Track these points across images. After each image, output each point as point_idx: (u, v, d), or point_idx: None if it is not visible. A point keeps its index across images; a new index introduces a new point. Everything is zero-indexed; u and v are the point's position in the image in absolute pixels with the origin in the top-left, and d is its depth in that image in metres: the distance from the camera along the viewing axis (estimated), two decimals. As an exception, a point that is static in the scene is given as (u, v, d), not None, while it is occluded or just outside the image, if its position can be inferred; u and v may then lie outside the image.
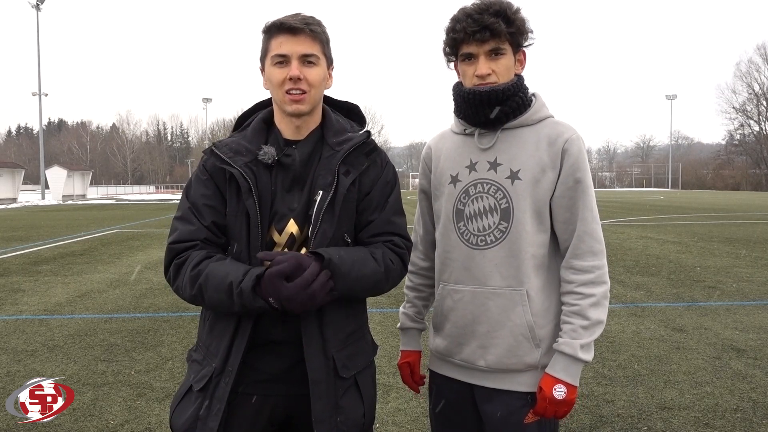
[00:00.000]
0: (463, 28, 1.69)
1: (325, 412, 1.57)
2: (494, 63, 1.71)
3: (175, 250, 1.63)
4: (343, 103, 1.82)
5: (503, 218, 1.72)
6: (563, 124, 1.77)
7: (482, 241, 1.75)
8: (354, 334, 1.69)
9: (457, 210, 1.80)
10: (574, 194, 1.71)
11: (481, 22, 1.67)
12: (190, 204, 1.65)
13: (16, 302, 7.11)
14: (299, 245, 1.62)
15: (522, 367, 1.73)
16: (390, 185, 1.72)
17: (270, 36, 1.62)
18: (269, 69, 1.62)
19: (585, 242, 1.70)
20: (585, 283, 1.69)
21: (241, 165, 1.60)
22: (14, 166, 46.67)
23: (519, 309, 1.71)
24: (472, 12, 1.69)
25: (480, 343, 1.75)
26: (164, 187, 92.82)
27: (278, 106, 1.66)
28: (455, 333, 1.81)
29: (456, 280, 1.80)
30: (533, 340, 1.72)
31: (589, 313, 1.68)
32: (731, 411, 3.74)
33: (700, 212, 23.26)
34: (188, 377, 1.67)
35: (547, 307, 1.74)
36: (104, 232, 16.32)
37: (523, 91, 1.77)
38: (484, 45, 1.69)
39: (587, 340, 1.67)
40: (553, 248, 1.77)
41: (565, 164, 1.71)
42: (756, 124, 74.90)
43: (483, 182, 1.77)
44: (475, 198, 1.77)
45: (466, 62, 1.74)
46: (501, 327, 1.73)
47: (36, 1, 44.86)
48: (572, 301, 1.70)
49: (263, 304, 1.48)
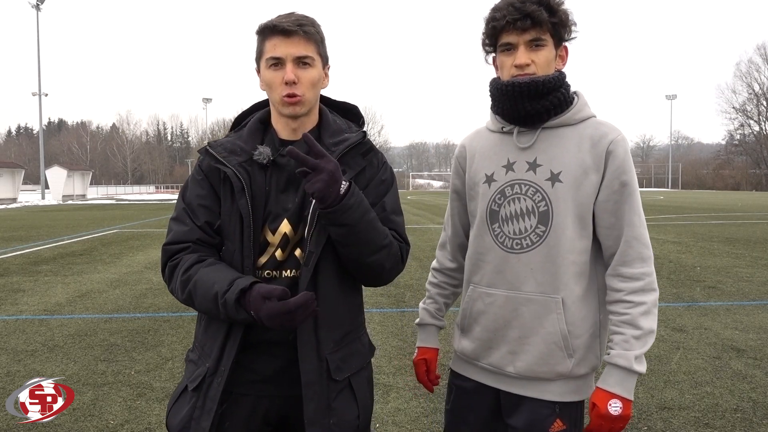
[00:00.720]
0: (504, 16, 1.62)
1: (317, 413, 1.57)
2: (534, 54, 1.64)
3: (169, 251, 1.64)
4: (341, 104, 1.81)
5: (541, 222, 1.65)
6: (607, 125, 1.69)
7: (518, 244, 1.68)
8: (349, 335, 1.69)
9: (491, 211, 1.73)
10: (620, 198, 1.63)
11: (522, 10, 1.60)
12: (185, 204, 1.66)
13: (16, 302, 7.11)
14: (293, 246, 1.62)
15: (552, 376, 1.67)
16: (386, 184, 1.71)
17: (264, 38, 1.61)
18: (264, 71, 1.62)
19: (634, 248, 1.62)
20: (635, 291, 1.61)
21: (235, 165, 1.60)
22: (14, 166, 46.67)
23: (553, 316, 1.64)
24: (514, 0, 1.62)
25: (510, 348, 1.70)
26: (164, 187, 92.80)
27: (275, 107, 1.66)
28: (485, 337, 1.75)
29: (488, 283, 1.74)
30: (567, 349, 1.65)
31: (641, 322, 1.59)
32: (731, 411, 3.74)
33: (700, 212, 23.25)
34: (184, 377, 1.68)
35: (583, 316, 1.66)
36: (104, 232, 16.32)
37: (566, 87, 1.69)
38: (525, 34, 1.62)
39: (640, 351, 1.59)
40: (595, 254, 1.70)
41: (610, 167, 1.63)
42: (756, 124, 75.00)
43: (521, 183, 1.69)
44: (511, 199, 1.70)
45: (505, 53, 1.67)
46: (533, 334, 1.66)
47: (36, 1, 44.85)
48: (622, 310, 1.62)
49: (247, 316, 1.48)
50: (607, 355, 1.64)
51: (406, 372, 4.50)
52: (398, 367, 4.62)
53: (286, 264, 1.61)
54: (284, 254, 1.61)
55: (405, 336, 5.46)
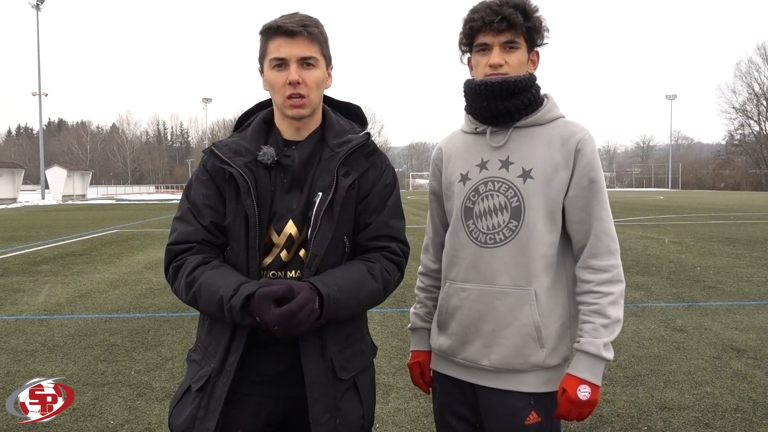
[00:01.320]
0: (481, 17, 1.69)
1: (323, 414, 1.57)
2: (508, 55, 1.71)
3: (174, 251, 1.63)
4: (344, 104, 1.81)
5: (513, 217, 1.72)
6: (576, 124, 1.77)
7: (491, 239, 1.74)
8: (353, 335, 1.69)
9: (465, 208, 1.79)
10: (589, 194, 1.71)
11: (499, 12, 1.68)
12: (189, 204, 1.65)
13: (16, 302, 7.12)
14: (298, 246, 1.62)
15: (527, 368, 1.71)
16: (389, 188, 1.72)
17: (267, 38, 1.61)
18: (268, 72, 1.62)
19: (602, 241, 1.70)
20: (603, 282, 1.69)
21: (240, 165, 1.60)
22: (14, 166, 46.68)
23: (526, 308, 1.70)
24: (491, 3, 1.71)
25: (485, 342, 1.74)
26: (164, 187, 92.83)
27: (278, 108, 1.66)
28: (460, 332, 1.79)
29: (463, 278, 1.79)
30: (539, 340, 1.70)
31: (609, 311, 1.67)
32: (731, 411, 3.74)
33: (700, 212, 23.26)
34: (187, 377, 1.68)
35: (553, 307, 1.73)
36: (104, 232, 16.31)
37: (536, 88, 1.76)
38: (500, 36, 1.70)
39: (608, 339, 1.67)
40: (563, 248, 1.77)
41: (579, 164, 1.71)
42: (756, 124, 74.98)
43: (494, 180, 1.76)
44: (485, 196, 1.76)
45: (480, 53, 1.74)
46: (507, 326, 1.71)
47: (36, 1, 44.86)
48: (591, 300, 1.70)
49: (252, 321, 1.48)
50: (576, 343, 1.71)
51: (406, 372, 4.49)
52: (398, 367, 4.63)
53: (291, 264, 1.61)
54: (289, 255, 1.61)
55: (405, 336, 5.47)
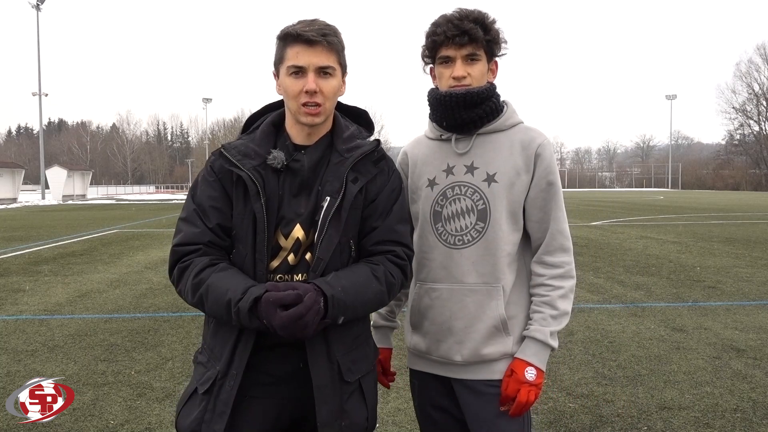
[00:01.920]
0: (443, 32, 1.78)
1: (330, 416, 1.58)
2: (470, 67, 1.81)
3: (179, 252, 1.62)
4: (352, 108, 1.82)
5: (480, 219, 1.82)
6: (535, 130, 1.88)
7: (459, 240, 1.83)
8: (358, 339, 1.70)
9: (434, 212, 1.87)
10: (547, 195, 1.83)
11: (461, 27, 1.76)
12: (195, 205, 1.64)
13: (16, 302, 7.12)
14: (304, 250, 1.62)
15: (495, 356, 1.81)
16: (396, 192, 1.73)
17: (286, 44, 1.61)
18: (284, 78, 1.61)
19: (557, 240, 1.83)
20: (555, 277, 1.81)
21: (249, 168, 1.59)
22: (14, 166, 46.70)
23: (494, 303, 1.80)
24: (452, 18, 1.80)
25: (457, 338, 1.83)
26: (164, 187, 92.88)
27: (292, 115, 1.66)
28: (433, 330, 1.87)
29: (433, 278, 1.87)
30: (505, 330, 1.81)
31: (558, 303, 1.79)
32: (731, 411, 3.74)
33: (700, 212, 23.26)
34: (194, 379, 1.67)
35: (517, 300, 1.84)
36: (104, 232, 16.32)
37: (496, 97, 1.87)
38: (462, 49, 1.79)
39: (556, 328, 1.79)
40: (523, 246, 1.88)
41: (539, 168, 1.82)
42: (756, 124, 74.96)
43: (461, 185, 1.85)
44: (453, 200, 1.85)
45: (444, 65, 1.83)
46: (477, 321, 1.81)
47: (36, 1, 44.86)
48: (543, 292, 1.82)
49: (260, 325, 1.48)
50: (526, 330, 1.82)
51: (406, 372, 4.49)
52: (398, 367, 4.61)
53: (298, 268, 1.61)
54: (296, 259, 1.61)
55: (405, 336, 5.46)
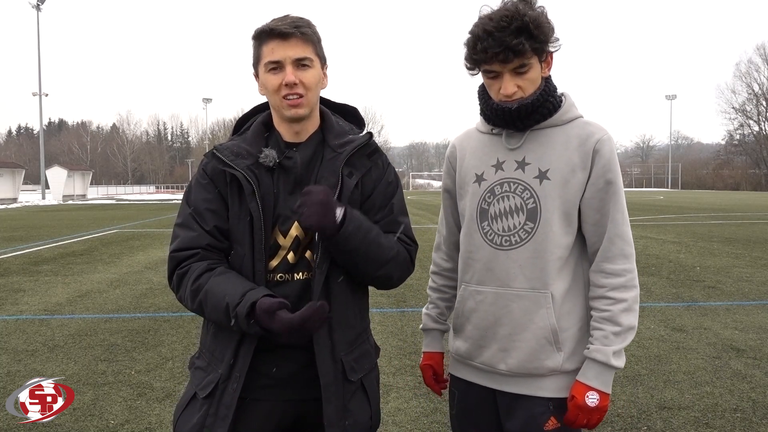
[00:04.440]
0: (485, 49, 1.60)
1: (336, 415, 1.57)
2: (520, 79, 1.65)
3: (177, 258, 1.60)
4: (341, 106, 1.81)
5: (529, 218, 1.69)
6: (594, 125, 1.73)
7: (507, 241, 1.71)
8: (360, 337, 1.70)
9: (481, 209, 1.76)
10: (605, 196, 1.67)
11: (503, 42, 1.58)
12: (191, 209, 1.63)
13: (16, 302, 7.12)
14: (304, 248, 1.62)
15: (544, 372, 1.68)
16: (392, 186, 1.72)
17: (261, 42, 1.60)
18: (264, 76, 1.61)
19: (616, 245, 1.67)
20: (616, 288, 1.65)
21: (243, 168, 1.59)
22: (15, 166, 46.68)
23: (543, 311, 1.67)
24: (492, 30, 1.59)
25: (501, 346, 1.71)
26: (164, 187, 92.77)
27: (276, 111, 1.65)
28: (476, 335, 1.76)
29: (478, 280, 1.76)
30: (556, 343, 1.67)
31: (621, 318, 1.64)
32: (731, 411, 3.74)
33: (700, 212, 23.25)
34: (191, 384, 1.66)
35: (570, 310, 1.70)
36: (104, 232, 16.31)
37: (552, 95, 1.72)
38: (508, 65, 1.62)
39: (619, 347, 1.63)
40: (579, 250, 1.73)
41: (596, 165, 1.67)
42: (756, 124, 74.88)
43: (510, 181, 1.72)
44: (501, 197, 1.73)
45: (490, 77, 1.68)
46: (523, 330, 1.68)
47: (36, 2, 44.84)
48: (603, 306, 1.66)
49: (259, 330, 1.47)
50: (586, 349, 1.67)
51: (406, 372, 4.50)
52: (398, 367, 4.63)
53: (298, 267, 1.61)
54: (296, 257, 1.61)
55: (405, 336, 5.47)
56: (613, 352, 1.63)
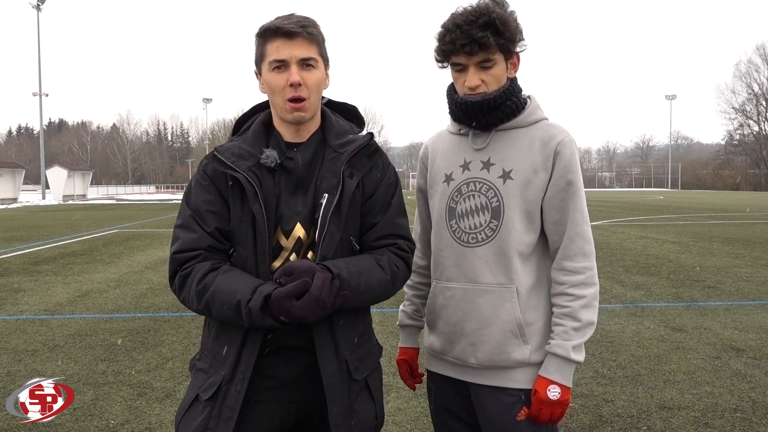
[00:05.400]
0: (452, 40, 1.67)
1: (341, 415, 1.57)
2: (484, 73, 1.71)
3: (179, 260, 1.58)
4: (341, 105, 1.81)
5: (494, 216, 1.74)
6: (556, 127, 1.78)
7: (473, 238, 1.77)
8: (362, 336, 1.70)
9: (449, 208, 1.82)
10: (565, 196, 1.73)
11: (470, 35, 1.65)
12: (191, 211, 1.61)
13: (16, 302, 7.12)
14: (306, 249, 1.61)
15: (512, 364, 1.74)
16: (393, 187, 1.72)
17: (265, 40, 1.59)
18: (267, 74, 1.59)
19: (576, 243, 1.72)
20: (576, 285, 1.71)
21: (244, 169, 1.57)
22: (15, 166, 46.66)
23: (508, 305, 1.72)
24: (461, 23, 1.67)
25: (470, 340, 1.77)
26: (165, 187, 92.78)
27: (277, 111, 1.64)
28: (447, 330, 1.82)
29: (448, 277, 1.82)
30: (522, 336, 1.73)
31: (581, 314, 1.69)
32: (731, 411, 3.75)
33: (700, 212, 23.26)
34: (192, 387, 1.64)
35: (535, 304, 1.76)
36: (105, 232, 16.31)
37: (516, 95, 1.77)
38: (474, 57, 1.68)
39: (579, 341, 1.69)
40: (543, 248, 1.79)
41: (557, 166, 1.73)
42: (755, 124, 74.93)
43: (475, 181, 1.78)
44: (467, 196, 1.79)
45: (457, 71, 1.75)
46: (490, 324, 1.74)
47: (36, 2, 44.84)
48: (563, 302, 1.72)
49: (273, 323, 1.46)
50: (547, 345, 1.73)
51: (406, 372, 4.50)
52: (398, 366, 4.62)
53: None
54: (298, 258, 1.60)
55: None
56: (573, 346, 1.68)
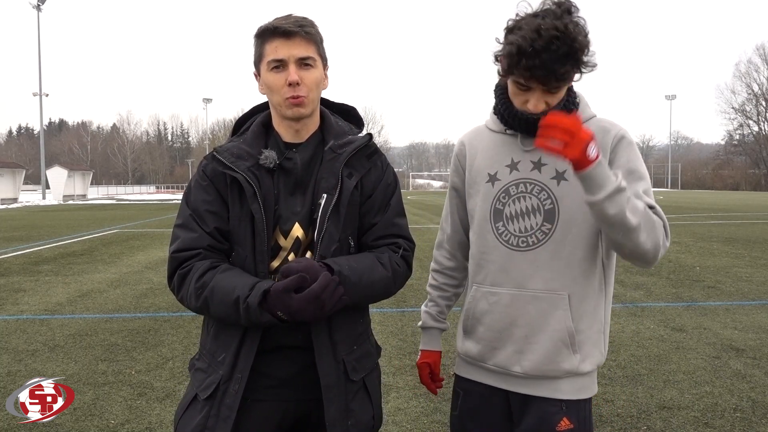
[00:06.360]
0: (528, 67, 1.50)
1: (338, 416, 1.57)
2: (550, 97, 1.59)
3: (178, 259, 1.59)
4: (340, 105, 1.81)
5: (547, 219, 1.66)
6: (609, 121, 1.71)
7: (523, 242, 1.68)
8: (361, 336, 1.70)
9: (495, 210, 1.73)
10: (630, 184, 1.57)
11: (551, 69, 1.49)
12: (191, 211, 1.62)
13: (16, 302, 7.12)
14: (304, 249, 1.62)
15: (560, 374, 1.67)
16: (391, 187, 1.72)
17: (263, 40, 1.60)
18: (266, 74, 1.60)
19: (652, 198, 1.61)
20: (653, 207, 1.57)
21: (243, 170, 1.58)
22: (15, 167, 46.66)
23: (559, 313, 1.65)
24: (541, 50, 1.47)
25: (516, 347, 1.69)
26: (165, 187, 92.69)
27: (277, 110, 1.65)
28: (489, 337, 1.74)
29: (492, 282, 1.73)
30: (572, 346, 1.66)
31: (635, 203, 1.50)
32: (730, 410, 3.75)
33: (700, 212, 23.25)
34: (192, 386, 1.65)
35: (588, 312, 1.68)
36: (105, 232, 16.31)
37: (573, 101, 1.69)
38: (546, 85, 1.55)
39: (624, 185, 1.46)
40: (600, 252, 1.70)
41: (617, 160, 1.63)
42: (755, 125, 74.91)
43: (526, 182, 1.69)
44: (516, 198, 1.70)
45: (520, 88, 1.60)
46: (540, 331, 1.66)
47: (37, 2, 44.83)
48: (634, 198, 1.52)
49: (270, 319, 1.47)
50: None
51: (406, 372, 4.51)
52: (398, 367, 4.63)
53: None
54: (297, 258, 1.60)
55: (405, 336, 5.47)
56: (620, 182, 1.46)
